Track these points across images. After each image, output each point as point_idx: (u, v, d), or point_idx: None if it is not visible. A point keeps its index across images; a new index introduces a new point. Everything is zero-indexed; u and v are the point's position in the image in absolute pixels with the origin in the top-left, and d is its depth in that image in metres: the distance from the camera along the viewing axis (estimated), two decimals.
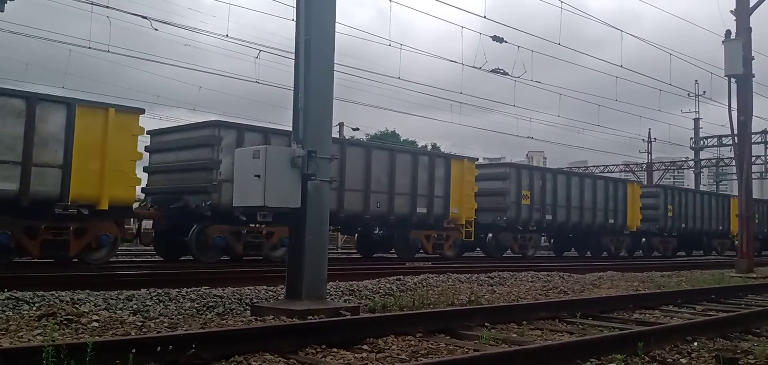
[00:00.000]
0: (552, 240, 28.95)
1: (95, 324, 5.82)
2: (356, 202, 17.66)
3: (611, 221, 26.24)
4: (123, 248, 22.07)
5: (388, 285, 10.08)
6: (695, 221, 31.47)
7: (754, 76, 18.09)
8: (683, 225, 30.54)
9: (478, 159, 22.96)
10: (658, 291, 10.77)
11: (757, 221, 34.92)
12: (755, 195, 29.78)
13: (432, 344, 5.60)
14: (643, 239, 29.60)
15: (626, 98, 29.49)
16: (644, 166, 52.29)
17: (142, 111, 14.14)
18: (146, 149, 16.46)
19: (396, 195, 18.53)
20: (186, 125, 17.27)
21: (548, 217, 23.64)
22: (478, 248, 23.80)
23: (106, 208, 13.23)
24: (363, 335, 5.62)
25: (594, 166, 55.33)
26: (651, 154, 52.55)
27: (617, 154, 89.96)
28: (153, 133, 16.83)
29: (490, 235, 22.61)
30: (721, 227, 33.17)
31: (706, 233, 32.64)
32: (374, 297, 8.94)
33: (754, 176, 31.78)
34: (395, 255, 20.24)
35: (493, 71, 22.25)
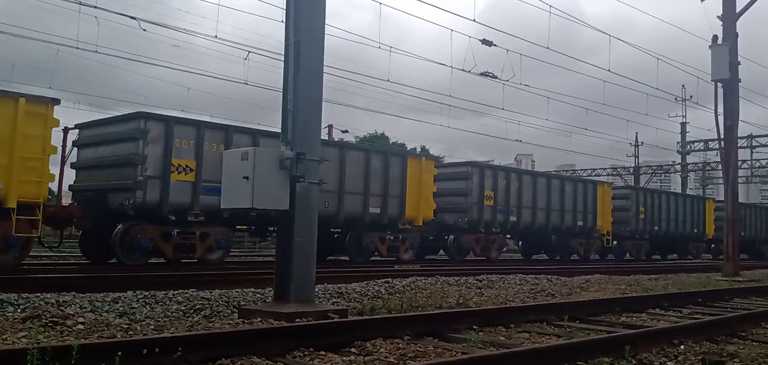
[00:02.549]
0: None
1: (81, 326, 5.76)
2: None
3: (375, 210, 18.30)
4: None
5: (377, 288, 10.08)
6: (535, 213, 23.40)
7: (740, 81, 18.27)
8: (513, 219, 22.59)
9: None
10: (645, 294, 10.83)
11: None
12: (741, 199, 29.81)
13: (420, 347, 5.59)
14: (447, 237, 22.03)
15: (614, 102, 29.70)
16: (632, 170, 52.66)
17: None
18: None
19: None
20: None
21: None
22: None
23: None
24: (351, 338, 5.60)
25: (582, 169, 55.62)
26: (638, 158, 52.95)
27: (605, 158, 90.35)
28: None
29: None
30: (581, 223, 25.40)
31: (556, 229, 24.58)
32: (362, 300, 8.93)
33: (739, 180, 31.94)
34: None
35: (482, 74, 22.31)
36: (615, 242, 28.33)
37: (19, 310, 6.60)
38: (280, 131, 7.93)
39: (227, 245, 16.09)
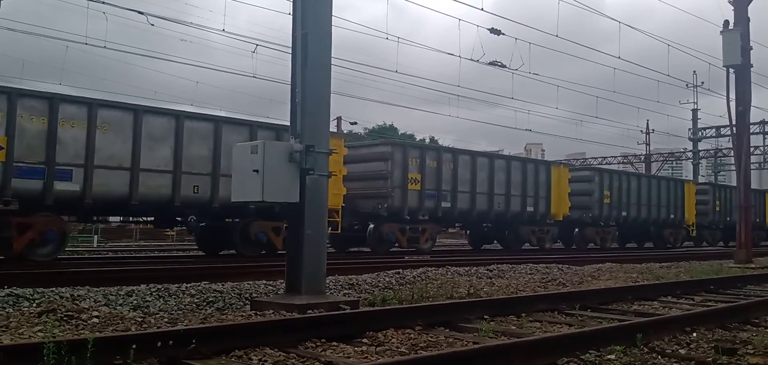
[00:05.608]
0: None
1: (95, 320, 5.82)
2: None
3: None
4: (122, 245, 22.09)
5: (387, 279, 10.09)
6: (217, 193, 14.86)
7: (752, 67, 18.10)
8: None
9: None
10: (657, 282, 10.79)
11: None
12: (753, 185, 29.30)
13: (431, 337, 5.61)
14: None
15: (625, 90, 29.45)
16: (643, 157, 52.36)
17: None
18: None
19: None
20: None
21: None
22: None
23: None
24: (362, 328, 5.62)
25: (592, 158, 55.41)
26: (649, 145, 52.66)
27: (616, 146, 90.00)
28: None
29: None
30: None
31: (204, 208, 15.28)
32: (373, 291, 8.95)
33: (752, 166, 31.51)
34: None
35: (490, 64, 22.24)
36: (356, 227, 19.91)
37: (34, 305, 6.67)
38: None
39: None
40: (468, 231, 25.74)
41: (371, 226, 19.44)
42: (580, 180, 25.68)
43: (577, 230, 26.49)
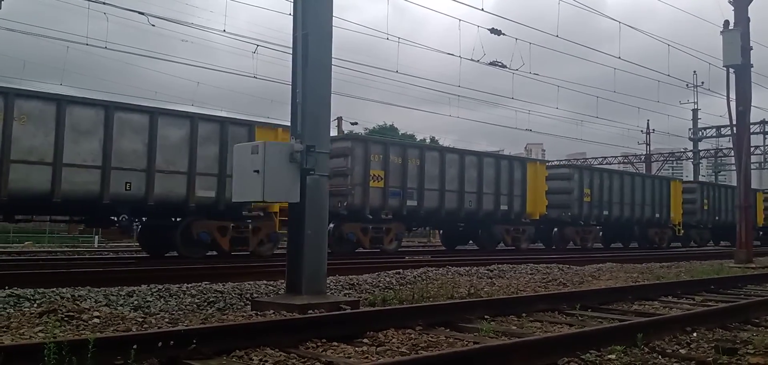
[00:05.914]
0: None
1: (96, 320, 5.83)
2: None
3: None
4: (123, 245, 22.11)
5: (388, 279, 10.10)
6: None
7: (752, 67, 18.11)
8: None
9: None
10: (658, 282, 10.79)
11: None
12: (754, 185, 29.20)
13: (432, 337, 5.61)
14: None
15: (625, 90, 29.43)
16: (643, 157, 52.37)
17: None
18: None
19: None
20: None
21: None
22: None
23: None
24: (363, 329, 5.63)
25: (593, 158, 55.44)
26: (650, 145, 52.67)
27: (617, 146, 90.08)
28: None
29: None
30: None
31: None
32: (374, 291, 8.96)
33: (752, 166, 31.46)
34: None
35: (490, 64, 22.25)
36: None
37: (35, 305, 6.68)
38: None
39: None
40: (440, 231, 24.84)
41: (331, 225, 17.99)
42: (559, 178, 24.56)
43: (556, 229, 25.43)
